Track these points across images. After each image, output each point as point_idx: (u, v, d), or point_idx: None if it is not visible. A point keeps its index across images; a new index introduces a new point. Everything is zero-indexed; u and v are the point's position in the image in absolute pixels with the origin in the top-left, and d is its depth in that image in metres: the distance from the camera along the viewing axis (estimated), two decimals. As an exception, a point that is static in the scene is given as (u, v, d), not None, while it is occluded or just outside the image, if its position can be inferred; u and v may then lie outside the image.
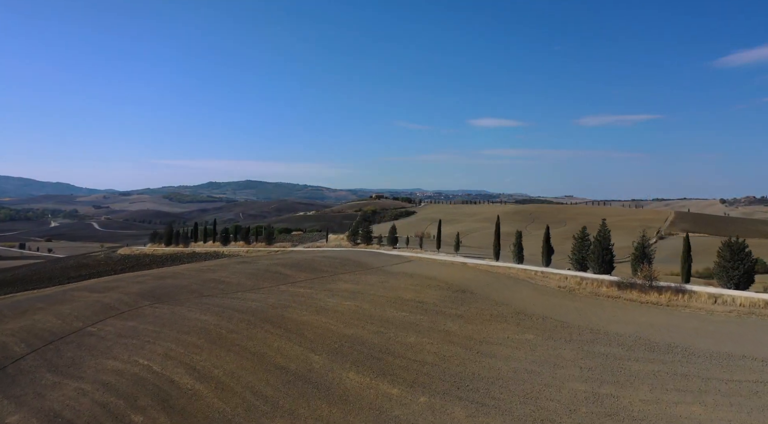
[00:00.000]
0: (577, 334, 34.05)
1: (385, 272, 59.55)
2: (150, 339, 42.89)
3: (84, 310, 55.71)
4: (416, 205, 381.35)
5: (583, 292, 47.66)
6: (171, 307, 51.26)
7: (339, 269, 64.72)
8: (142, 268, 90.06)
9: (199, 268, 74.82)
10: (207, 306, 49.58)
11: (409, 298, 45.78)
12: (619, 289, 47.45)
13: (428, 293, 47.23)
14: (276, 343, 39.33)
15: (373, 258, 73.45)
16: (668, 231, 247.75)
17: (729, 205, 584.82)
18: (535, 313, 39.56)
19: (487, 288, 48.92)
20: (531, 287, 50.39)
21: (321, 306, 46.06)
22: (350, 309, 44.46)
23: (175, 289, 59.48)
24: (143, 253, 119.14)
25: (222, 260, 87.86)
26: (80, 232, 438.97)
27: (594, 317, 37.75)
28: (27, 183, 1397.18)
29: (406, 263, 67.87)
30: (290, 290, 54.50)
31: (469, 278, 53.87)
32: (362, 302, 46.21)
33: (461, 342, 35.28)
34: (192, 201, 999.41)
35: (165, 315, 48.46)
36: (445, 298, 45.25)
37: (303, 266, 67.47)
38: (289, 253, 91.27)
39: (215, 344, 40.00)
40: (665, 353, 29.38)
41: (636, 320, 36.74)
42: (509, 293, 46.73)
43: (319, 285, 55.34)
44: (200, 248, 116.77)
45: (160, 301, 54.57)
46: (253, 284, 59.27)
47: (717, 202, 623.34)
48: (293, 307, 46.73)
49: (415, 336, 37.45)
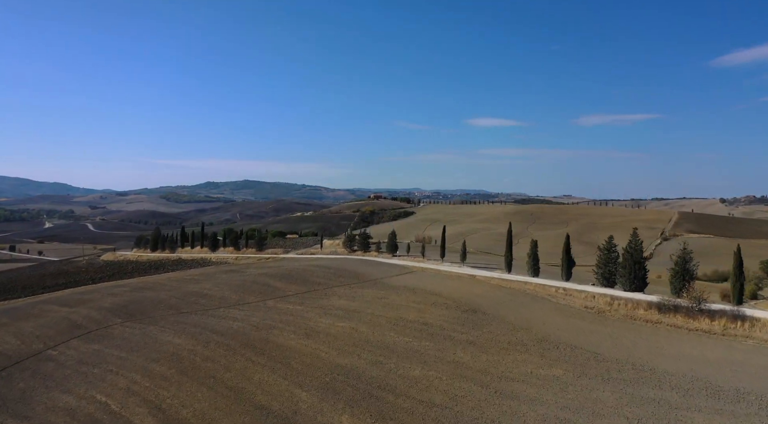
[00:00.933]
0: (616, 370, 28.25)
1: (384, 286, 53.81)
2: (113, 368, 37.24)
3: (48, 328, 50.04)
4: (415, 206, 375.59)
5: (615, 314, 40.96)
6: (143, 326, 45.55)
7: (333, 280, 58.98)
8: (123, 276, 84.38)
9: (182, 278, 69.09)
10: (183, 326, 43.88)
11: (412, 318, 40.02)
12: (660, 312, 40.54)
13: (434, 312, 41.46)
14: (257, 375, 33.63)
15: (371, 268, 67.78)
16: (672, 232, 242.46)
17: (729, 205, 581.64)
18: (562, 341, 33.73)
19: (502, 307, 42.98)
20: (552, 306, 44.13)
21: (311, 328, 40.36)
22: (345, 332, 38.77)
23: (151, 304, 53.76)
24: (127, 259, 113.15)
25: (208, 268, 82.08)
26: (74, 233, 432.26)
27: (634, 348, 31.83)
28: (24, 183, 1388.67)
29: (407, 274, 62.10)
30: (278, 306, 48.79)
31: (479, 295, 47.95)
32: (358, 322, 40.50)
33: (475, 377, 29.61)
34: (189, 201, 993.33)
35: (135, 337, 42.75)
36: (453, 319, 39.47)
37: (294, 277, 61.72)
38: (281, 261, 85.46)
39: (186, 376, 34.32)
40: (735, 403, 23.62)
41: (687, 353, 30.83)
42: (528, 313, 40.79)
43: (310, 301, 49.62)
44: (187, 254, 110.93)
45: (133, 318, 48.87)
46: (238, 298, 53.55)
47: (717, 201, 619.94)
48: (280, 328, 41.03)
49: (421, 368, 31.79)
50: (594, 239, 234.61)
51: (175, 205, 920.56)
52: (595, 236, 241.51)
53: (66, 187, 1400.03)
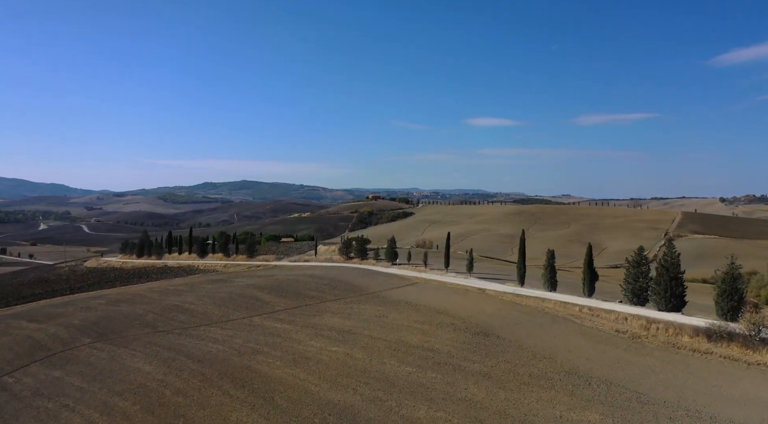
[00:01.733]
0: (666, 417, 23.09)
1: (383, 300, 48.61)
2: (71, 402, 32.24)
3: (8, 349, 45.03)
4: (414, 206, 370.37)
5: (654, 341, 34.91)
6: (113, 348, 40.50)
7: (327, 293, 53.83)
8: (103, 285, 79.23)
9: (164, 289, 63.97)
10: (156, 349, 38.82)
11: (415, 343, 34.89)
12: (710, 340, 34.37)
13: (440, 335, 36.30)
14: (235, 414, 28.63)
15: (368, 279, 62.51)
16: (676, 232, 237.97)
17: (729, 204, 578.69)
18: (594, 374, 28.55)
19: (518, 330, 37.57)
20: (577, 329, 38.20)
21: (300, 353, 35.34)
22: (338, 359, 33.76)
23: (126, 320, 48.68)
24: (111, 266, 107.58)
25: (194, 277, 76.83)
26: (68, 235, 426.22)
27: (684, 387, 26.46)
28: (20, 184, 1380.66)
29: (408, 286, 56.87)
30: (265, 324, 43.72)
31: (491, 314, 42.34)
32: (354, 347, 35.46)
33: (493, 421, 24.64)
34: (187, 202, 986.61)
35: (101, 362, 37.70)
36: (463, 344, 34.29)
37: (284, 289, 56.56)
38: (272, 269, 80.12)
39: (152, 414, 29.31)
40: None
41: (752, 395, 25.46)
42: (549, 338, 35.34)
43: (301, 318, 44.54)
44: (174, 260, 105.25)
45: (103, 338, 43.82)
46: (222, 314, 48.47)
47: (716, 200, 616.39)
48: (265, 353, 35.99)
49: (427, 408, 26.83)
50: (597, 240, 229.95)
51: (172, 206, 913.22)
52: (597, 237, 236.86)
53: (63, 188, 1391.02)
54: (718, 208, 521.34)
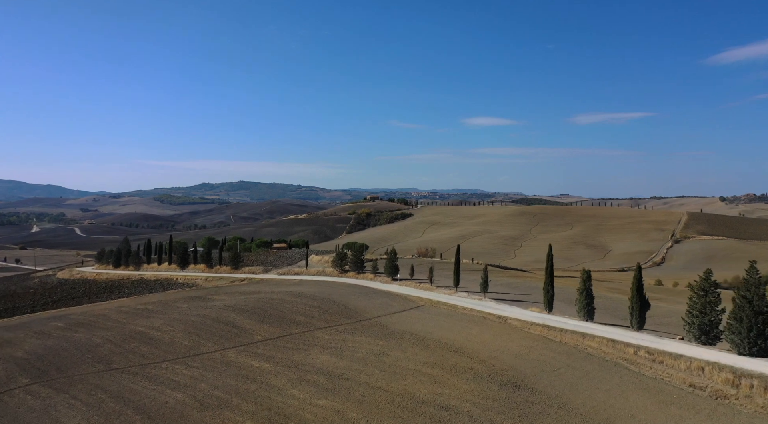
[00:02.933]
0: None
1: (383, 331, 40.61)
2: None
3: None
4: (413, 207, 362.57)
5: (750, 405, 25.73)
6: (51, 394, 32.87)
7: (317, 318, 46.08)
8: (70, 302, 71.68)
9: (134, 308, 56.32)
10: (101, 399, 31.21)
11: (424, 396, 27.28)
12: None
13: (456, 384, 28.56)
14: None
15: (365, 299, 54.54)
16: (683, 233, 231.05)
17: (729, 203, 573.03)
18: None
19: (558, 380, 29.38)
20: (636, 381, 29.21)
21: (278, 409, 27.76)
22: (325, 419, 26.18)
23: (78, 352, 41.03)
24: (83, 278, 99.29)
25: (169, 293, 69.02)
26: (60, 238, 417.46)
27: None
28: (16, 186, 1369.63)
29: (413, 310, 48.95)
30: (240, 361, 36.07)
31: (519, 354, 34.22)
32: (347, 400, 27.87)
33: None
34: (183, 203, 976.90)
35: (29, 416, 30.02)
36: (486, 399, 26.57)
37: (267, 313, 48.75)
38: (257, 284, 71.79)
39: None
40: None
41: None
42: (602, 396, 27.15)
43: (283, 353, 36.88)
44: (152, 271, 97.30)
45: (45, 377, 36.21)
46: (191, 344, 40.83)
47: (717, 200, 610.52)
48: (233, 407, 28.39)
49: None
50: (603, 241, 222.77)
51: (168, 208, 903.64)
52: (602, 239, 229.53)
53: (60, 189, 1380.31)
54: (719, 208, 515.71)
